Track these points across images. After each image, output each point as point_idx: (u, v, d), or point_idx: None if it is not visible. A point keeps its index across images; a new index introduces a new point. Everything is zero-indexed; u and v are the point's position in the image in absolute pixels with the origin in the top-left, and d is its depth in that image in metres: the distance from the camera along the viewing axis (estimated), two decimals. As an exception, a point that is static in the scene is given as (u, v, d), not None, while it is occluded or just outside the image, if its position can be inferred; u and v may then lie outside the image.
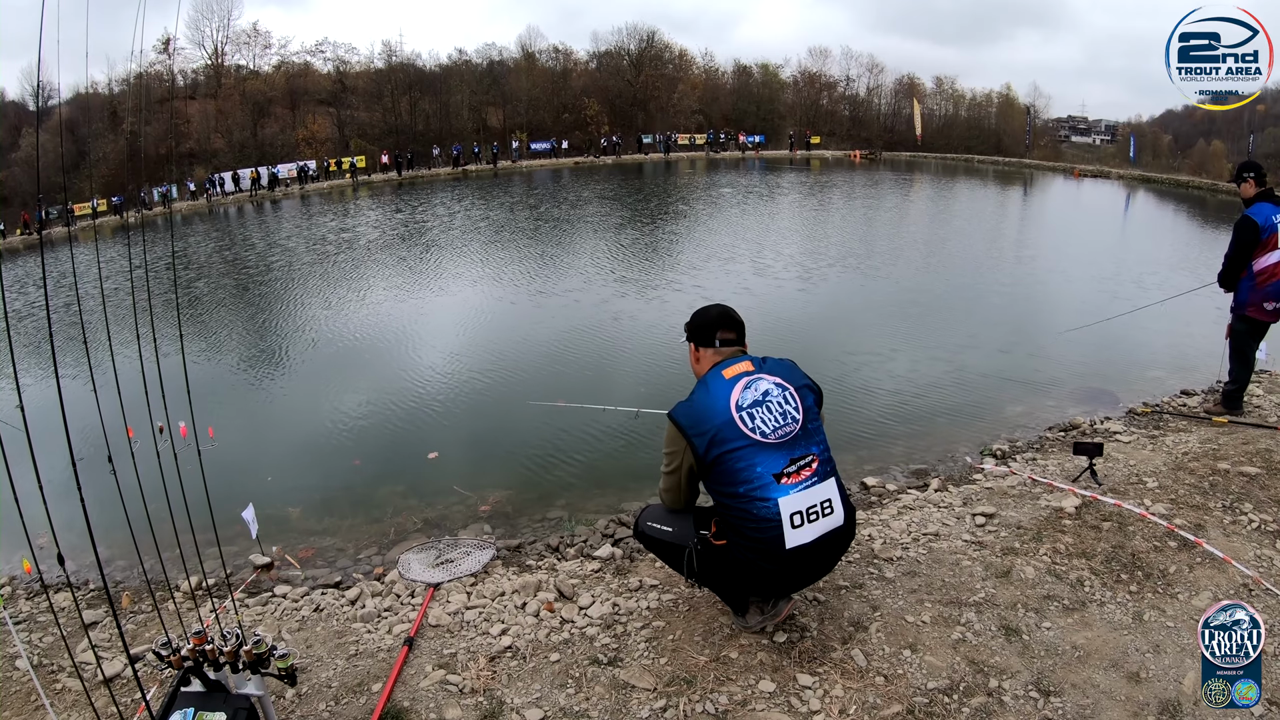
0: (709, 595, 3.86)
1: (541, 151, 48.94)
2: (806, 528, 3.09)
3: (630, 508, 6.30)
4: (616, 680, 3.30)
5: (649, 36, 54.65)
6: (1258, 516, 4.57)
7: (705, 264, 16.60)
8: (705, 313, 3.45)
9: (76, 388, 3.26)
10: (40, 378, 10.12)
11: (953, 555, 4.30)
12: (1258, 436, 6.12)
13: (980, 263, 17.46)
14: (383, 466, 7.46)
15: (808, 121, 55.68)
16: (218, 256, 21.75)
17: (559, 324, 12.41)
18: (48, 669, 4.00)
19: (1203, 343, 10.60)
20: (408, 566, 5.24)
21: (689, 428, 3.15)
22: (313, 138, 45.90)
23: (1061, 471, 5.73)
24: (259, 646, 3.01)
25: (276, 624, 4.42)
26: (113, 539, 5.19)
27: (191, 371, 3.45)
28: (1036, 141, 54.14)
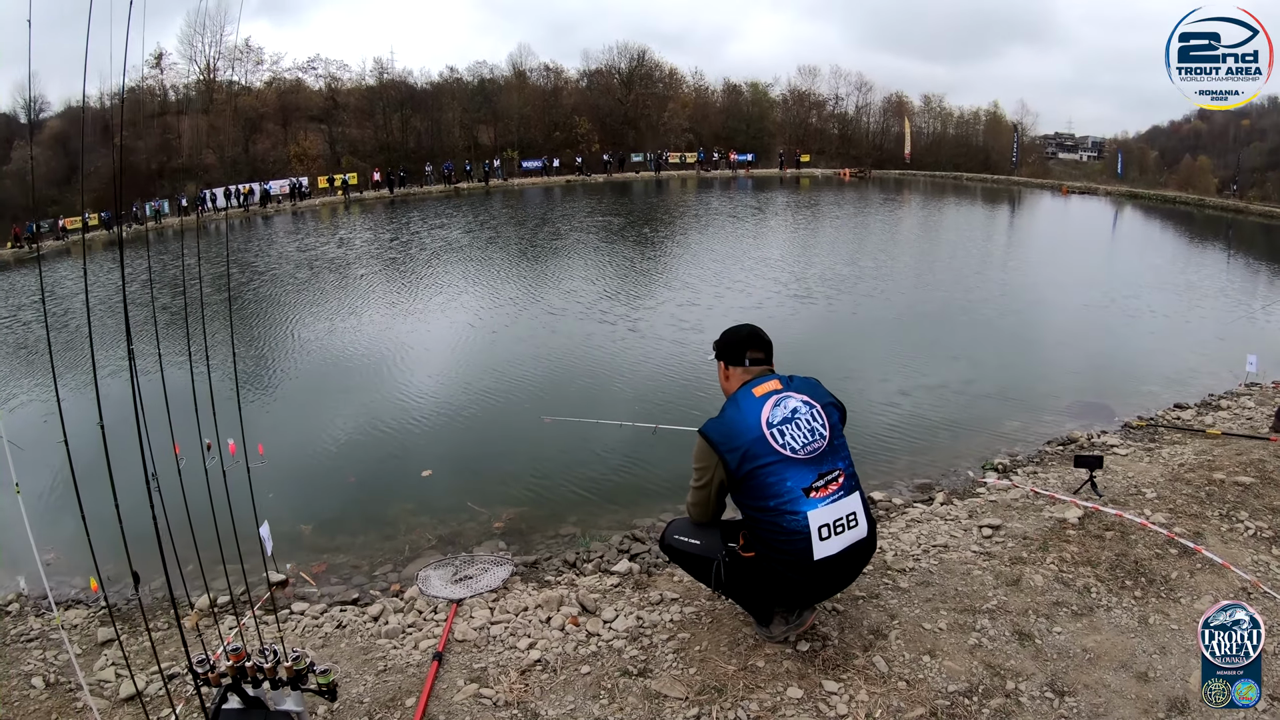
0: (730, 607, 3.98)
1: (533, 169, 49.16)
2: (833, 539, 3.23)
3: (643, 524, 6.42)
4: (648, 690, 3.42)
5: (639, 55, 55.06)
6: (1254, 524, 4.75)
7: (698, 284, 16.73)
8: (735, 332, 3.59)
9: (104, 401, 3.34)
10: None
11: (963, 565, 4.45)
12: (1251, 447, 6.31)
13: (972, 280, 17.70)
14: (392, 483, 7.54)
15: (797, 140, 56.08)
16: (211, 273, 21.74)
17: (567, 340, 12.57)
18: (65, 687, 4.08)
19: (1191, 359, 10.88)
20: (428, 583, 5.33)
21: (721, 443, 3.28)
22: (304, 154, 45.92)
23: (1062, 484, 5.89)
24: (298, 663, 3.09)
25: (299, 641, 4.51)
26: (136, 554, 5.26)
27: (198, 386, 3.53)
28: (1024, 158, 54.67)
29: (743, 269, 18.35)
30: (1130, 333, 12.81)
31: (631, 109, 53.74)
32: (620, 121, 53.39)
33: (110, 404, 3.00)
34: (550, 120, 52.63)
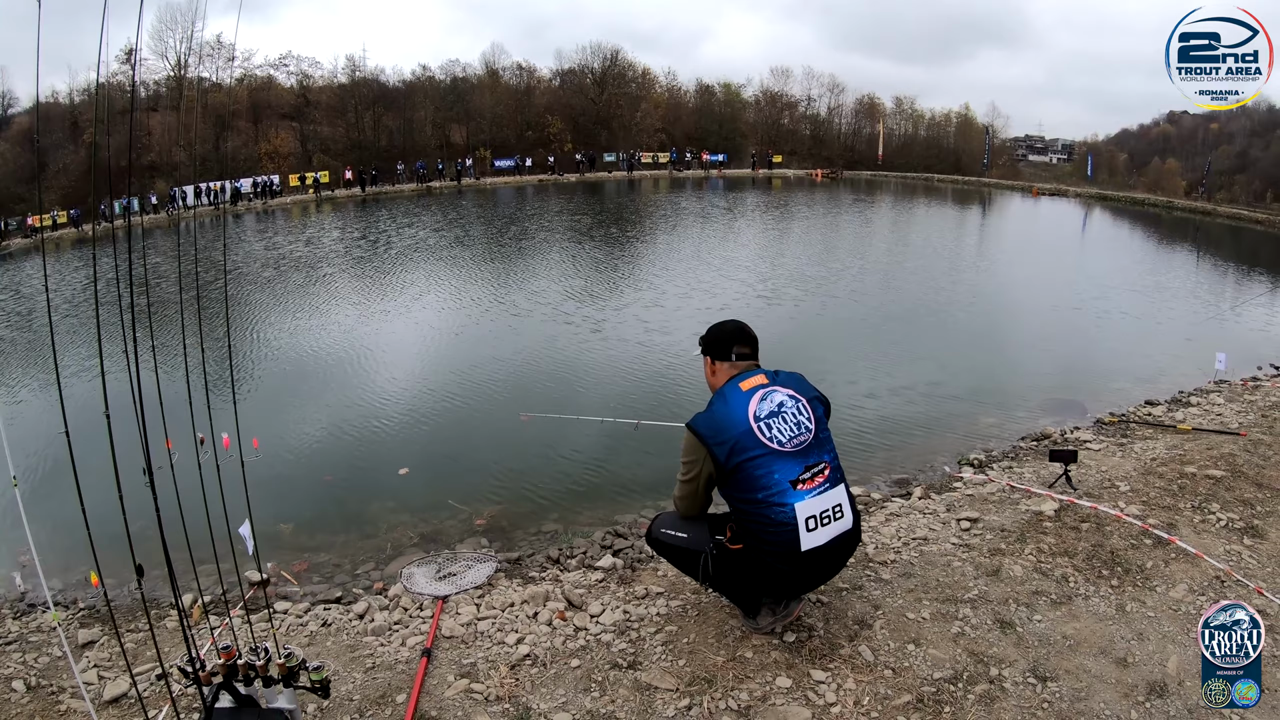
0: (716, 600, 4.02)
1: (505, 169, 48.97)
2: (820, 531, 3.28)
3: (625, 519, 6.45)
4: (639, 683, 3.45)
5: (613, 55, 55.05)
6: (1225, 515, 4.88)
7: (669, 283, 16.84)
8: (721, 328, 3.63)
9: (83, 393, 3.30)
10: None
11: (943, 557, 4.53)
12: (1221, 442, 6.47)
13: (942, 281, 17.92)
14: (370, 481, 7.52)
15: (769, 140, 56.41)
16: (182, 271, 21.41)
17: (538, 339, 12.57)
18: (47, 690, 4.02)
19: (1161, 357, 11.11)
20: (412, 580, 5.32)
21: (709, 437, 3.32)
22: (275, 152, 45.30)
23: (1037, 478, 6.01)
24: (290, 660, 3.07)
25: (284, 639, 4.48)
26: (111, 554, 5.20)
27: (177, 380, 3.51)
28: (995, 160, 55.41)
29: (710, 269, 18.51)
30: (1100, 332, 13.06)
31: (604, 109, 53.71)
32: (593, 121, 53.33)
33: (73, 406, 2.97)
34: (523, 120, 52.44)
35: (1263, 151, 43.96)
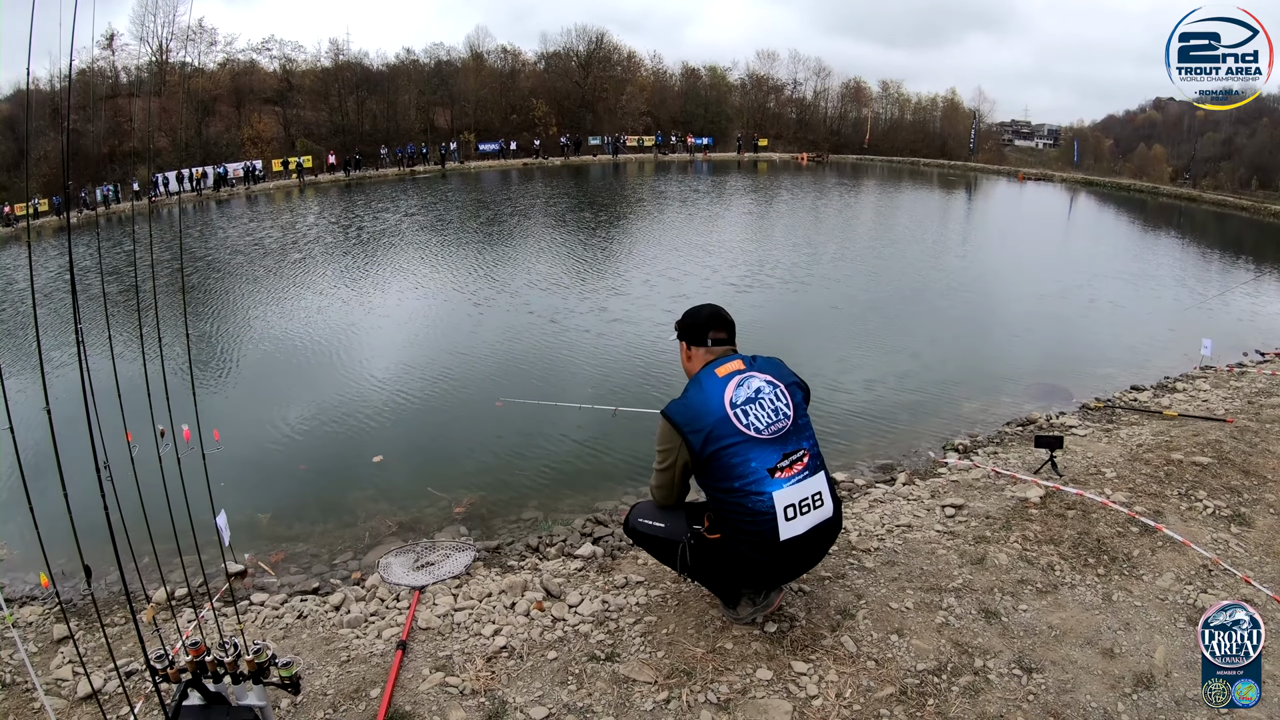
0: (697, 590, 3.95)
1: (489, 152, 48.61)
2: (799, 520, 3.20)
3: (605, 506, 6.38)
4: (617, 675, 3.37)
5: (598, 38, 54.63)
6: (1212, 503, 4.84)
7: (645, 269, 16.72)
8: (697, 312, 3.53)
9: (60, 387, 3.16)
10: None
11: (928, 545, 4.46)
12: (1207, 429, 6.43)
13: (927, 266, 17.89)
14: (347, 470, 7.40)
15: (755, 124, 56.23)
16: (166, 254, 21.19)
17: (515, 326, 12.45)
18: (21, 687, 3.92)
19: (1146, 343, 11.11)
20: (389, 570, 5.23)
21: (684, 425, 3.23)
22: (258, 137, 44.77)
23: (1023, 464, 5.96)
24: (260, 655, 2.97)
25: (260, 633, 4.40)
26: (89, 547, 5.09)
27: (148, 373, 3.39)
28: (981, 145, 55.45)
29: (687, 255, 18.33)
30: (1086, 318, 13.04)
31: (589, 92, 53.35)
32: (578, 105, 52.97)
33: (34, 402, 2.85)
34: (507, 103, 52.00)
35: (1248, 139, 44.10)
